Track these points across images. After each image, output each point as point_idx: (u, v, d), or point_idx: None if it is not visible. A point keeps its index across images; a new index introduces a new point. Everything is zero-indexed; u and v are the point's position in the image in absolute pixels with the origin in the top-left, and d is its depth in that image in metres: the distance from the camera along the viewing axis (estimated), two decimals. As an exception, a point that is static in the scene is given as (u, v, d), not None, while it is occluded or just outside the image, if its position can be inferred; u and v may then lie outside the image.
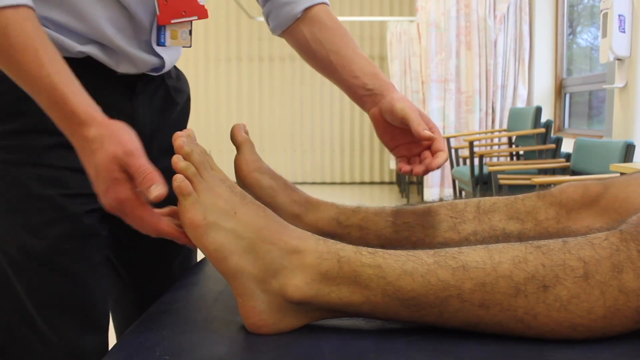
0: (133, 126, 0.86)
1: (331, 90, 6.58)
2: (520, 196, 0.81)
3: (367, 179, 6.81)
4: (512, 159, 4.18)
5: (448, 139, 4.34)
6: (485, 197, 0.82)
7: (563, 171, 3.28)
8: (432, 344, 0.58)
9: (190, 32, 0.85)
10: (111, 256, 0.94)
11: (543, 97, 4.63)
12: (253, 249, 0.61)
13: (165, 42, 0.83)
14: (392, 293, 0.59)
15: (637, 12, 2.95)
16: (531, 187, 2.33)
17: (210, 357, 0.56)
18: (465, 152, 4.21)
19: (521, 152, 4.07)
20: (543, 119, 3.85)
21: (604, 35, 3.08)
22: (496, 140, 4.57)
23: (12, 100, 0.75)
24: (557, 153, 3.53)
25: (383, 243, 0.80)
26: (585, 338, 0.58)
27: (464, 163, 4.13)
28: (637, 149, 2.65)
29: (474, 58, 4.74)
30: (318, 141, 6.78)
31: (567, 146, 3.52)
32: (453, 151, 4.28)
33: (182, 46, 0.86)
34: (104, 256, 0.85)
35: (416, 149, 0.86)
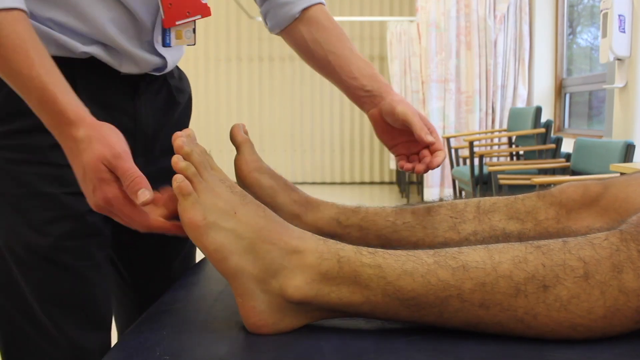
0: (136, 126, 0.86)
1: (331, 90, 6.58)
2: (520, 196, 0.81)
3: (367, 179, 6.81)
4: (512, 159, 4.18)
5: (448, 139, 4.34)
6: (485, 197, 0.82)
7: (563, 171, 3.28)
8: (432, 344, 0.58)
9: (194, 31, 0.86)
10: (112, 256, 0.94)
11: (543, 97, 4.63)
12: (253, 249, 0.61)
13: (170, 43, 0.84)
14: (392, 293, 0.59)
15: (637, 12, 2.95)
16: (531, 187, 2.33)
17: (210, 357, 0.56)
18: (465, 152, 4.21)
19: (521, 152, 4.07)
20: (543, 119, 3.85)
21: (604, 35, 3.08)
22: (496, 140, 4.57)
23: (16, 99, 0.75)
24: (557, 153, 3.53)
25: (383, 243, 0.80)
26: (585, 338, 0.58)
27: (464, 163, 4.13)
28: (637, 149, 2.65)
29: (474, 58, 4.74)
30: (318, 141, 6.78)
31: (567, 146, 3.52)
32: (453, 151, 4.27)
33: (187, 44, 0.86)
34: (107, 255, 0.86)
35: (415, 148, 0.88)
